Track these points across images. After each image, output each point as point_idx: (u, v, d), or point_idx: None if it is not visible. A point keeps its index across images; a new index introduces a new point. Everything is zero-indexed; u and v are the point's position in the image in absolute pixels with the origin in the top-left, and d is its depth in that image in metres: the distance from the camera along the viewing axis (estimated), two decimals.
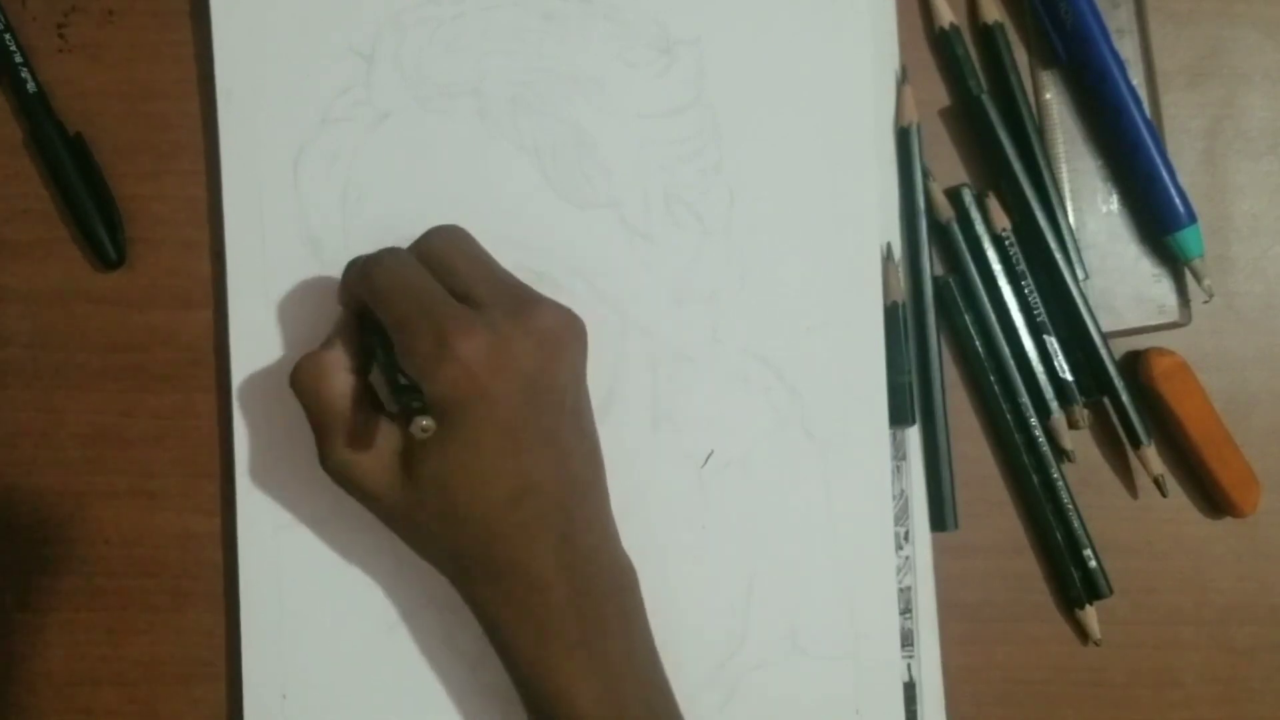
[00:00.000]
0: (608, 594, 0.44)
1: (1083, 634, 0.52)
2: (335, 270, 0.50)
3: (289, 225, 0.50)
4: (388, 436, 0.44)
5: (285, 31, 0.50)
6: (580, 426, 0.45)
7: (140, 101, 0.52)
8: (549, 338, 0.43)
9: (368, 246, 0.50)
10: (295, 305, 0.50)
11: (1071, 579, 0.51)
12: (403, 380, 0.43)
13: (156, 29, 0.52)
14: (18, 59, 0.51)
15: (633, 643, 0.45)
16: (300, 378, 0.44)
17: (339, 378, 0.44)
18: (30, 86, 0.51)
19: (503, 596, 0.43)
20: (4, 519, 0.51)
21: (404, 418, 0.41)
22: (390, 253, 0.45)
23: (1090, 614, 0.51)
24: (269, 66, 0.50)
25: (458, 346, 0.40)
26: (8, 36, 0.51)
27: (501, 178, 0.50)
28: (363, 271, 0.44)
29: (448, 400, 0.41)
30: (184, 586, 0.51)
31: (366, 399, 0.45)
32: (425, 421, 0.40)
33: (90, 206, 0.50)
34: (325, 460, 0.45)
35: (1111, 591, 0.51)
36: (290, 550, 0.50)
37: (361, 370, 0.45)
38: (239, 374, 0.50)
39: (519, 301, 0.43)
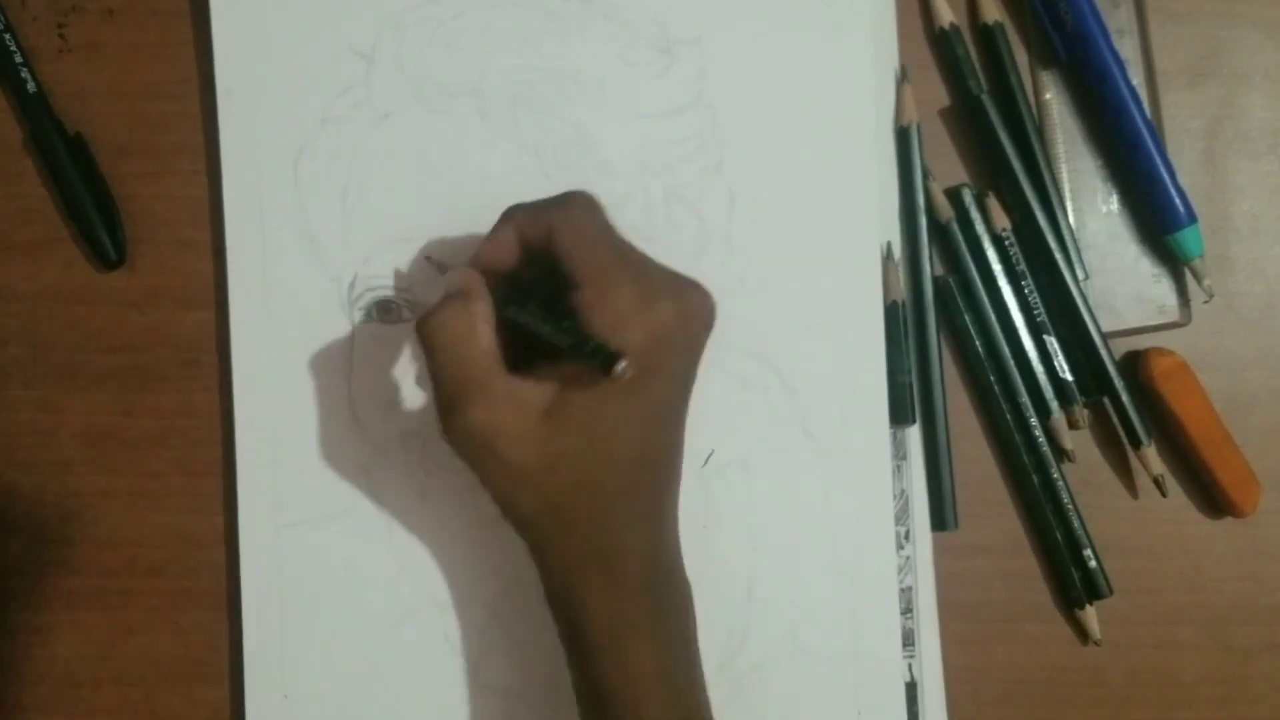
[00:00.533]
0: (679, 592, 0.44)
1: (1083, 634, 0.52)
2: (335, 270, 0.50)
3: (289, 225, 0.50)
4: (531, 398, 0.41)
5: (285, 31, 0.50)
6: (685, 421, 0.45)
7: (140, 101, 0.52)
8: (707, 323, 0.43)
9: (368, 246, 0.50)
10: (295, 305, 0.50)
11: (1071, 579, 0.51)
12: (565, 326, 0.41)
13: (156, 29, 0.52)
14: (18, 59, 0.51)
15: (692, 648, 0.45)
16: (441, 333, 0.41)
17: (485, 336, 0.41)
18: (30, 86, 0.51)
19: (597, 564, 0.42)
20: (4, 519, 0.51)
21: (587, 361, 0.39)
22: (578, 195, 0.43)
23: (1090, 614, 0.51)
24: (269, 66, 0.50)
25: (660, 307, 0.40)
26: (8, 36, 0.51)
27: (502, 177, 0.50)
28: (554, 209, 0.42)
29: (634, 356, 0.39)
30: (184, 586, 0.51)
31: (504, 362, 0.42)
32: (623, 365, 0.38)
33: (90, 206, 0.50)
34: (458, 424, 0.41)
35: (1111, 592, 0.51)
36: (291, 550, 0.50)
37: (500, 327, 0.42)
38: (239, 374, 0.50)
39: (687, 281, 0.43)
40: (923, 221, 0.51)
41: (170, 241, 0.52)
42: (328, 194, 0.50)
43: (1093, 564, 0.51)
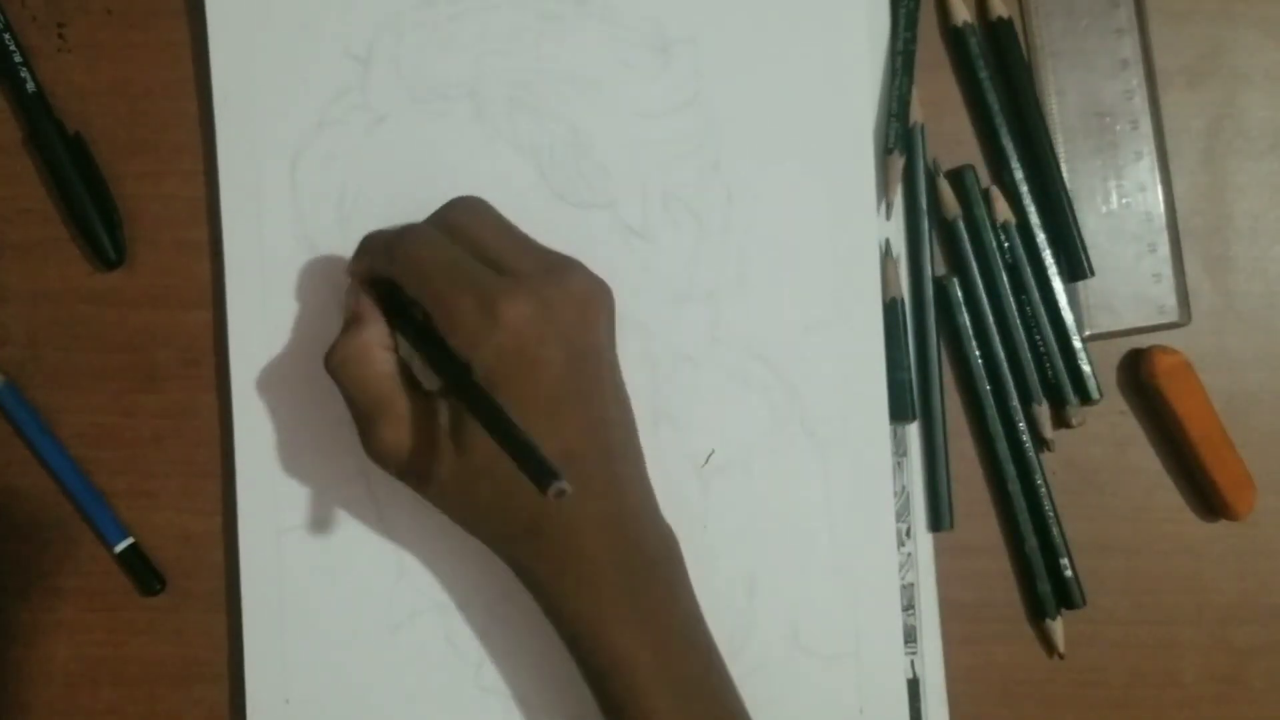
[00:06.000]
0: (652, 559, 0.44)
1: (1049, 645, 0.51)
2: (333, 271, 0.50)
3: (287, 226, 0.50)
4: (435, 414, 0.43)
5: (281, 35, 0.50)
6: (617, 390, 0.45)
7: (140, 101, 0.52)
8: (587, 301, 0.43)
9: None
10: (293, 305, 0.50)
11: (1034, 590, 0.51)
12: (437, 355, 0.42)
13: (156, 29, 0.52)
14: (17, 59, 0.51)
15: (681, 606, 0.45)
16: (341, 363, 0.44)
17: (380, 359, 0.44)
18: (30, 86, 0.51)
19: (553, 566, 0.43)
20: (4, 519, 0.51)
21: (452, 393, 0.41)
22: (414, 228, 0.44)
23: (1057, 626, 0.51)
24: (265, 70, 0.50)
25: (504, 314, 0.40)
26: (7, 36, 0.51)
27: (499, 179, 0.50)
28: (389, 249, 0.43)
29: (496, 370, 0.40)
30: (184, 586, 0.51)
31: (407, 378, 0.44)
32: (563, 484, 0.36)
33: (90, 206, 0.51)
34: (372, 445, 0.44)
35: (1085, 603, 0.51)
36: (292, 553, 0.50)
37: (396, 349, 0.45)
38: (239, 374, 0.50)
39: (553, 266, 0.43)
40: (924, 219, 0.51)
41: (170, 241, 0.52)
42: (325, 197, 0.50)
43: (1068, 573, 0.51)
